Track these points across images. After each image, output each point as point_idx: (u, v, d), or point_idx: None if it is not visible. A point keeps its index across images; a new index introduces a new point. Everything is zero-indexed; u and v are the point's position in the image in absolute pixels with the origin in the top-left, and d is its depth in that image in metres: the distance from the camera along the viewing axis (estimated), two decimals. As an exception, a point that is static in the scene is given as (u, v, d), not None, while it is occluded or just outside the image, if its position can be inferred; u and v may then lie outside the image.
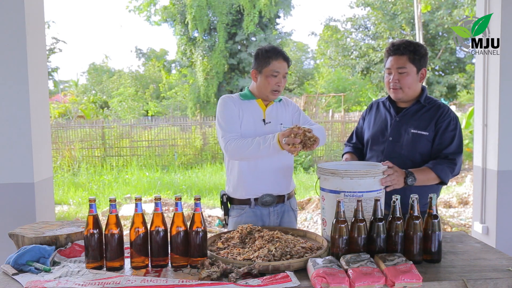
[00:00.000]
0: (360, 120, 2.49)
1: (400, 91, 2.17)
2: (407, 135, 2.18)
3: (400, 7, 18.57)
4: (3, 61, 2.95)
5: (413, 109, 2.21)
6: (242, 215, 2.28)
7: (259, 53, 2.27)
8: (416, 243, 1.73)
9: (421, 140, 2.15)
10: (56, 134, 12.19)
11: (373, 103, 2.44)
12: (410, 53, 2.14)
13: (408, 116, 2.21)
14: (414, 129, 2.16)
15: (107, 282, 1.54)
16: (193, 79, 19.31)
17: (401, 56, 2.14)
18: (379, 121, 2.31)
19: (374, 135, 2.30)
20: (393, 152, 2.19)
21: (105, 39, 79.23)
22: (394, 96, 2.21)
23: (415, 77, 2.16)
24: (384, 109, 2.33)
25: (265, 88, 2.25)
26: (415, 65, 2.15)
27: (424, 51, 2.17)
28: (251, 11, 17.78)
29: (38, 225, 2.09)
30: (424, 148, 2.16)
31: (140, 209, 1.71)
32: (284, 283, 1.53)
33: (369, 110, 2.43)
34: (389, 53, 2.19)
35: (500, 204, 3.53)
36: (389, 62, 2.19)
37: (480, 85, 3.70)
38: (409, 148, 2.17)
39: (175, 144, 12.53)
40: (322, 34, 22.29)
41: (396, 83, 2.16)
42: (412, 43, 2.16)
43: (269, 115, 2.30)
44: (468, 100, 20.73)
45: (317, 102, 17.40)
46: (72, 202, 7.75)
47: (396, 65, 2.15)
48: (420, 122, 2.17)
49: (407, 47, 2.14)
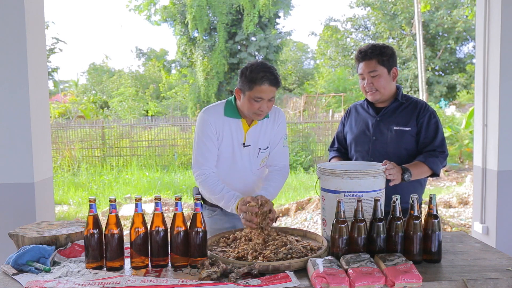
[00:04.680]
0: (340, 126, 2.56)
1: (377, 93, 2.26)
2: (390, 132, 2.27)
3: (400, 7, 18.58)
4: (3, 61, 2.95)
5: (392, 107, 2.30)
6: (213, 216, 2.25)
7: (243, 73, 2.04)
8: (416, 243, 1.73)
9: (404, 136, 2.25)
10: (56, 134, 12.19)
11: (350, 108, 2.51)
12: (377, 56, 2.23)
13: (388, 115, 2.30)
14: (396, 126, 2.26)
15: (107, 282, 1.54)
16: (193, 79, 19.31)
17: (370, 61, 2.23)
18: (360, 123, 2.39)
19: (357, 137, 2.38)
20: (378, 151, 2.28)
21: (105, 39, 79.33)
22: (372, 98, 2.29)
23: (387, 77, 2.25)
24: (363, 111, 2.41)
25: (247, 110, 2.08)
26: (384, 66, 2.24)
27: (391, 51, 2.26)
28: (251, 11, 17.78)
29: (38, 225, 2.09)
30: (409, 143, 2.26)
31: (140, 209, 1.71)
32: (284, 283, 1.53)
33: (347, 115, 2.50)
34: (358, 60, 2.28)
35: (500, 204, 3.53)
36: (360, 68, 2.28)
37: (480, 85, 3.70)
38: (393, 145, 2.26)
39: (175, 144, 12.53)
40: (322, 34, 22.30)
41: (371, 86, 2.25)
42: (377, 46, 2.25)
43: (249, 137, 2.17)
44: (468, 100, 20.73)
45: (317, 102, 17.40)
46: (72, 202, 7.75)
47: (367, 70, 2.24)
48: (401, 119, 2.27)
49: (373, 51, 2.23)
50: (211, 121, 2.11)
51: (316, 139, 12.38)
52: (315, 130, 12.69)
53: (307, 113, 15.45)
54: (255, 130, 2.18)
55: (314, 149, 12.13)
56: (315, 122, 13.22)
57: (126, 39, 72.73)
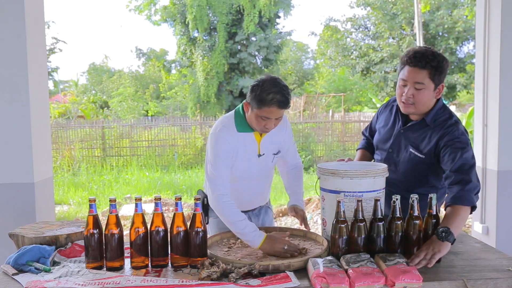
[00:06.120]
0: (375, 116, 2.34)
1: (412, 107, 1.97)
2: (405, 152, 2.06)
3: (400, 7, 18.57)
4: (3, 61, 2.95)
5: (418, 125, 2.03)
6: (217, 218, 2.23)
7: (254, 90, 1.96)
8: (416, 243, 1.73)
9: (417, 162, 2.02)
10: (56, 134, 12.18)
11: (389, 102, 2.25)
12: (432, 68, 1.89)
13: (411, 132, 2.05)
14: (413, 149, 2.03)
15: (107, 282, 1.54)
16: (193, 79, 19.30)
17: (421, 70, 1.90)
18: (386, 128, 2.18)
19: (379, 141, 2.21)
20: (390, 165, 2.05)
21: (105, 39, 79.15)
22: (404, 110, 2.01)
23: (431, 93, 1.94)
24: (394, 115, 2.15)
25: (254, 125, 2.04)
26: (434, 82, 1.92)
27: (446, 65, 1.93)
28: (251, 11, 17.77)
29: (38, 225, 2.09)
30: (420, 170, 2.02)
31: (140, 209, 1.71)
32: (284, 283, 1.53)
33: (384, 108, 2.27)
34: (408, 63, 1.93)
35: (500, 204, 3.53)
36: (406, 73, 1.94)
37: (480, 85, 3.70)
38: (405, 166, 2.06)
39: (175, 144, 12.52)
40: (322, 34, 22.30)
41: (409, 98, 1.94)
42: (436, 57, 1.91)
43: (263, 147, 2.15)
44: (468, 100, 20.74)
45: (317, 102, 17.41)
46: (72, 202, 7.75)
47: (413, 79, 1.91)
48: (420, 143, 2.01)
49: (430, 62, 1.89)
50: (229, 141, 2.04)
51: (316, 139, 12.37)
52: (315, 130, 12.69)
53: (307, 113, 15.44)
54: (266, 138, 2.15)
55: (314, 149, 12.13)
56: (315, 122, 13.22)
57: (126, 39, 72.67)
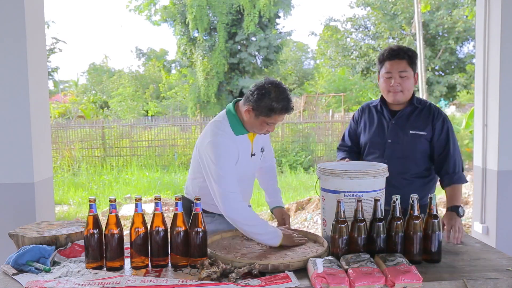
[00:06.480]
0: (352, 123, 2.51)
1: (401, 94, 2.24)
2: (406, 136, 2.27)
3: (400, 7, 18.57)
4: (3, 61, 2.95)
5: (407, 111, 2.30)
6: (213, 222, 2.22)
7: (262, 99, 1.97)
8: (416, 243, 1.73)
9: (420, 140, 2.26)
10: (56, 134, 12.19)
11: (364, 107, 2.48)
12: (409, 57, 2.23)
13: (403, 118, 2.30)
14: (413, 130, 2.26)
15: (107, 282, 1.54)
16: (193, 79, 19.30)
17: (401, 60, 2.22)
18: (375, 125, 2.37)
19: (372, 139, 2.36)
20: (393, 154, 2.28)
21: (105, 39, 79.08)
22: (394, 99, 2.26)
23: (412, 80, 2.26)
24: (377, 113, 2.38)
25: (256, 129, 2.09)
26: (412, 69, 2.25)
27: (417, 56, 2.30)
28: (251, 11, 17.77)
29: (38, 225, 2.09)
30: (423, 146, 2.27)
31: (140, 209, 1.71)
32: (284, 283, 1.53)
33: (361, 113, 2.47)
34: (388, 58, 2.25)
35: (500, 204, 3.53)
36: (388, 66, 2.24)
37: (480, 85, 3.70)
38: (410, 148, 2.26)
39: (175, 144, 12.53)
40: (322, 34, 22.29)
41: (398, 86, 2.22)
42: (409, 49, 2.27)
43: (255, 146, 2.21)
44: (468, 100, 20.72)
45: (317, 102, 17.41)
46: (72, 202, 7.75)
47: (397, 69, 2.22)
48: (417, 123, 2.27)
49: (406, 52, 2.23)
50: (231, 145, 2.06)
51: (316, 139, 12.38)
52: (315, 130, 12.69)
53: (307, 113, 15.45)
54: (257, 138, 2.21)
55: (314, 149, 12.14)
56: (315, 122, 13.23)
57: (126, 39, 72.66)
